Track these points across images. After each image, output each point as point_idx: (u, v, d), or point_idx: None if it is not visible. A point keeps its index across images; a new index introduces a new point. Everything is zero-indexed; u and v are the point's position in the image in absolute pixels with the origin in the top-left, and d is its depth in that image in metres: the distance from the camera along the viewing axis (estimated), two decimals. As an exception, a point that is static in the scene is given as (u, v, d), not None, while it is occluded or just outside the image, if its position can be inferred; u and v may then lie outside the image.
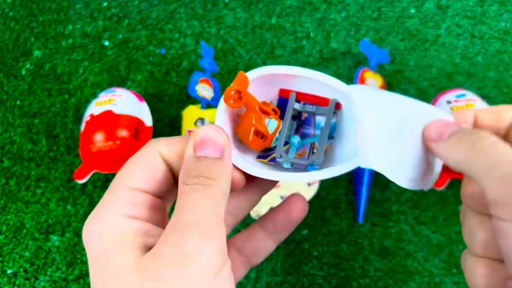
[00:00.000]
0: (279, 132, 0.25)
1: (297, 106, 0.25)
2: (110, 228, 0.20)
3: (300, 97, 0.25)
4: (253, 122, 0.24)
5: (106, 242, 0.19)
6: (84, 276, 0.48)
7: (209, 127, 0.22)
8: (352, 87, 0.23)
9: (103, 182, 0.52)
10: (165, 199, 0.23)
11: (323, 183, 0.51)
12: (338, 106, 0.24)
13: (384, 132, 0.22)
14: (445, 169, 0.49)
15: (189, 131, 0.51)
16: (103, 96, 0.51)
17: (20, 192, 0.52)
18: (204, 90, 0.52)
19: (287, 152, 0.24)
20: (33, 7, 0.63)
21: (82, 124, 0.50)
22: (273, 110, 0.25)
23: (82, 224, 0.51)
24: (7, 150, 0.55)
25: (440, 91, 0.53)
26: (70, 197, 0.52)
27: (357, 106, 0.22)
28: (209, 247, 0.18)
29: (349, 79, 0.56)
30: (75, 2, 0.63)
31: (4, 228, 0.51)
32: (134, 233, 0.20)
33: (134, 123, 0.49)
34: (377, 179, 0.51)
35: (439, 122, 0.22)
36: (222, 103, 0.24)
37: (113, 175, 0.52)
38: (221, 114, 0.24)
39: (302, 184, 0.50)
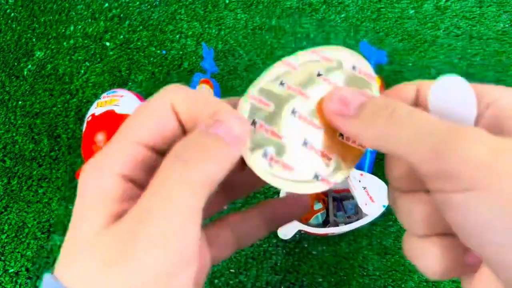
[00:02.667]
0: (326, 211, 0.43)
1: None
2: (99, 183, 0.18)
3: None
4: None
5: (89, 196, 0.18)
6: (85, 275, 0.49)
7: (235, 115, 0.19)
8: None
9: (104, 182, 0.52)
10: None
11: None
12: None
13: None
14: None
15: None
16: (105, 97, 0.51)
17: (22, 191, 0.53)
18: (204, 91, 0.52)
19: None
20: (34, 8, 0.63)
21: (84, 124, 0.51)
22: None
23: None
24: (9, 150, 0.55)
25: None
26: (71, 196, 0.52)
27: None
28: (160, 254, 0.16)
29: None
30: (77, 3, 0.63)
31: (6, 227, 0.51)
32: (115, 198, 0.18)
33: (135, 123, 0.50)
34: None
35: (341, 90, 0.20)
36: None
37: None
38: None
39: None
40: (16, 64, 0.60)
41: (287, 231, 0.47)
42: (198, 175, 0.17)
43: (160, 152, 0.19)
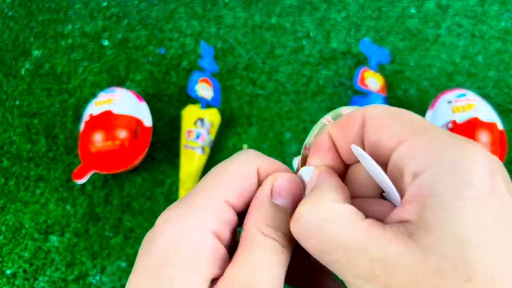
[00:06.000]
0: None
1: None
2: (192, 241, 0.17)
3: None
4: None
5: (178, 256, 0.16)
6: (83, 276, 0.48)
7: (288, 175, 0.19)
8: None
9: (102, 183, 0.52)
10: None
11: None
12: None
13: None
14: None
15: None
16: (103, 96, 0.51)
17: (19, 192, 0.52)
18: (203, 89, 0.51)
19: None
20: (32, 7, 0.63)
21: (82, 124, 0.50)
22: None
23: (82, 224, 0.51)
24: (6, 150, 0.55)
25: (441, 90, 0.52)
26: (69, 197, 0.52)
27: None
28: None
29: (349, 79, 0.56)
30: (75, 2, 0.63)
31: (3, 228, 0.51)
32: (212, 260, 0.17)
33: (134, 123, 0.49)
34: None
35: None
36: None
37: (113, 175, 0.52)
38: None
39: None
40: (13, 63, 0.59)
41: None
42: (284, 254, 0.18)
43: (238, 212, 0.19)
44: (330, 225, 0.17)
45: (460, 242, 0.15)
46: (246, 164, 0.19)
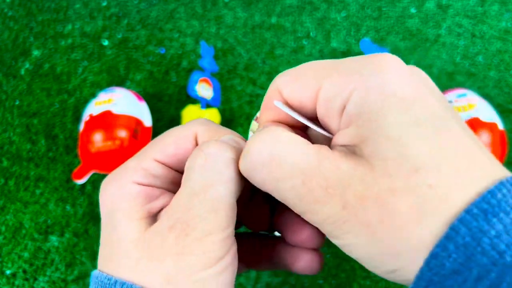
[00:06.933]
0: None
1: None
2: (121, 193, 0.20)
3: None
4: None
5: (115, 206, 0.20)
6: (83, 277, 0.48)
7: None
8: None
9: (102, 182, 0.52)
10: None
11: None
12: None
13: None
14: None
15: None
16: (103, 96, 0.51)
17: (19, 192, 0.52)
18: (203, 89, 0.51)
19: None
20: (32, 7, 0.63)
21: (81, 124, 0.50)
22: None
23: (82, 224, 0.51)
24: (6, 150, 0.54)
25: (441, 90, 0.52)
26: (69, 197, 0.51)
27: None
28: (210, 240, 0.18)
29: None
30: (74, 1, 0.63)
31: (3, 228, 0.51)
32: (142, 201, 0.20)
33: (133, 123, 0.49)
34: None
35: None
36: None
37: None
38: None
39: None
40: (13, 63, 0.59)
41: None
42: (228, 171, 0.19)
43: (177, 170, 0.22)
44: (282, 148, 0.17)
45: (397, 142, 0.16)
46: (183, 129, 0.22)
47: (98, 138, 0.48)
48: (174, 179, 0.22)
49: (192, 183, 0.19)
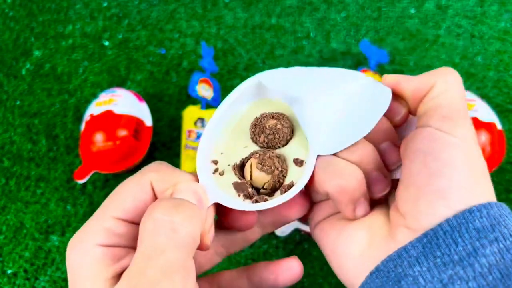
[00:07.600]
0: None
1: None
2: (86, 258, 0.20)
3: None
4: None
5: (80, 270, 0.20)
6: (84, 276, 0.48)
7: (191, 184, 0.22)
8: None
9: (103, 182, 0.52)
10: None
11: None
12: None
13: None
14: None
15: (189, 131, 0.51)
16: (103, 96, 0.51)
17: (20, 192, 0.52)
18: (204, 90, 0.52)
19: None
20: (33, 7, 0.63)
21: (82, 124, 0.50)
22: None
23: (82, 224, 0.51)
24: (7, 150, 0.55)
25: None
26: (70, 197, 0.52)
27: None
28: None
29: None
30: (75, 2, 0.63)
31: (4, 228, 0.51)
32: (108, 263, 0.20)
33: (134, 123, 0.49)
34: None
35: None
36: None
37: (113, 175, 0.52)
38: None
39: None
40: (14, 63, 0.59)
41: (285, 228, 0.46)
42: (181, 235, 0.19)
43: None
44: None
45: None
46: (137, 179, 0.22)
47: (99, 138, 0.48)
48: (138, 235, 0.21)
49: (144, 248, 0.19)
